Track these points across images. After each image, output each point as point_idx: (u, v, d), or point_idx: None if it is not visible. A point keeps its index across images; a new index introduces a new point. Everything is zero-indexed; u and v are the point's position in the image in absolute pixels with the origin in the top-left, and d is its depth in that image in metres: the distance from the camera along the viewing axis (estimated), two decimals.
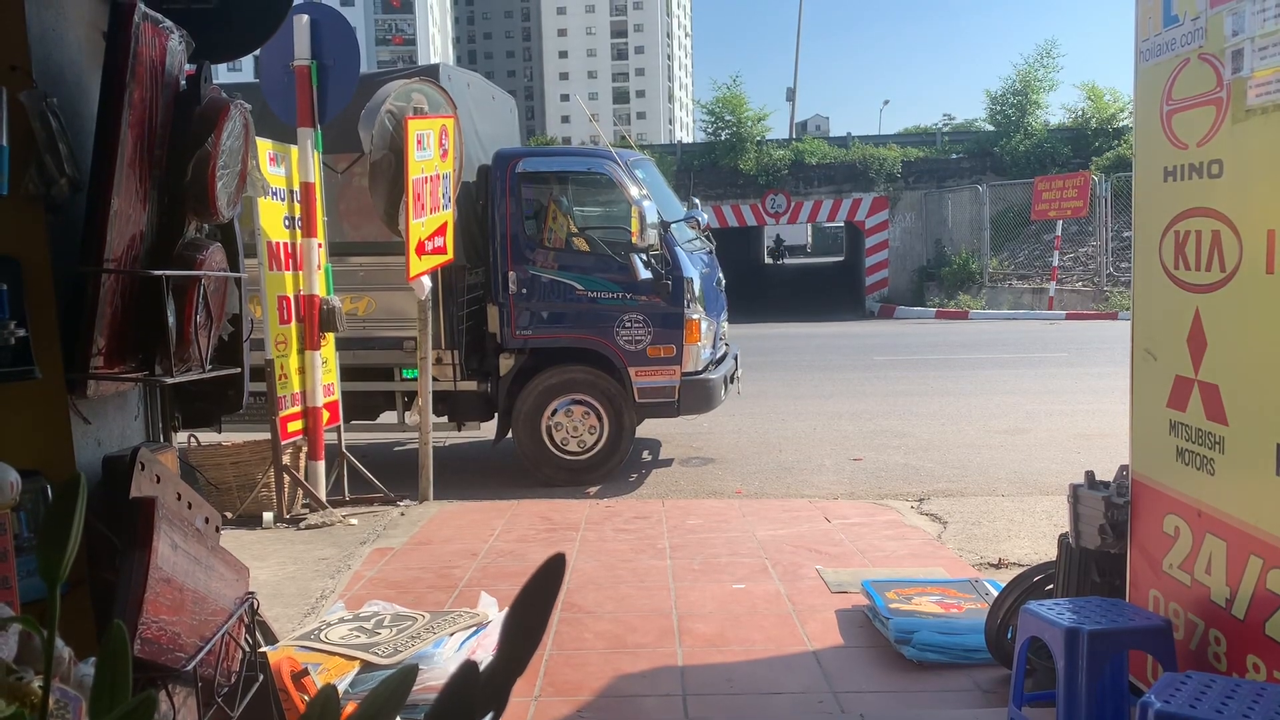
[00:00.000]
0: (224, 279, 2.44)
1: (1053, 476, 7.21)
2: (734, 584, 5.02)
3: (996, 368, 13.16)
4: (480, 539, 5.91)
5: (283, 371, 6.27)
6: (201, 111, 2.31)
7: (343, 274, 7.17)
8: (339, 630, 3.84)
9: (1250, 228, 2.67)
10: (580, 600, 4.80)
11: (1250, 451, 2.69)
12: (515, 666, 0.89)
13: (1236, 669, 2.75)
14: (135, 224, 2.14)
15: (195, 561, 1.97)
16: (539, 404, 7.62)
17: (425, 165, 6.36)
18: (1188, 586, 3.00)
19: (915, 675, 3.93)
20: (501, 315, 7.63)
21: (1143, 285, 3.25)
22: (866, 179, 25.39)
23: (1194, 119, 2.90)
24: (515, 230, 7.57)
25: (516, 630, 0.87)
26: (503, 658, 0.88)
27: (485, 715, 0.87)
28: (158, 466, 2.01)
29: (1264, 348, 2.63)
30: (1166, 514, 3.11)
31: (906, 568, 5.18)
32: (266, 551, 5.71)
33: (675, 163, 25.79)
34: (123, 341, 2.13)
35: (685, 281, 7.45)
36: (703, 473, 7.99)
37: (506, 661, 0.87)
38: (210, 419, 2.83)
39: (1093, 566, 3.50)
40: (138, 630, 1.73)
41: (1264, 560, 2.63)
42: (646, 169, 8.32)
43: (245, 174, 2.50)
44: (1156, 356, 3.15)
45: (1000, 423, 9.50)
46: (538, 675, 3.94)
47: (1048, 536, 5.51)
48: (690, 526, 6.11)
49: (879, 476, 7.63)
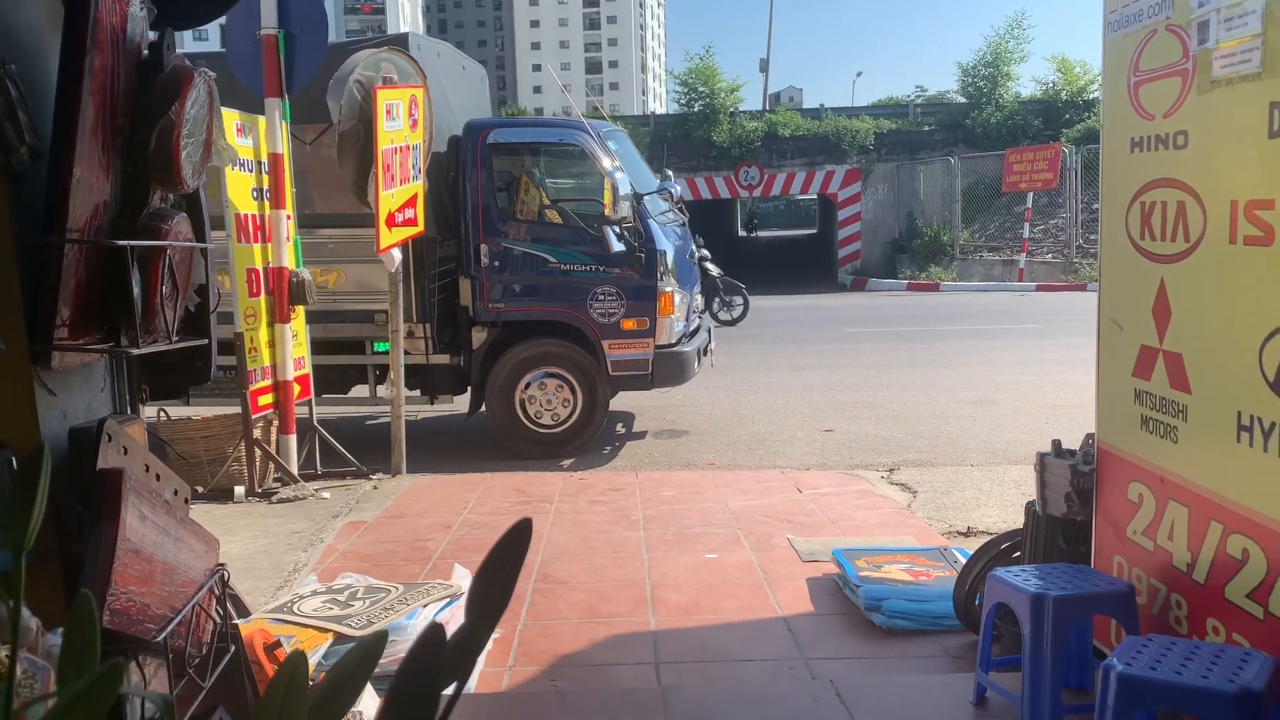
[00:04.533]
0: (190, 249, 2.42)
1: (1022, 446, 7.29)
2: (707, 554, 5.05)
3: (967, 339, 13.26)
4: (454, 512, 5.91)
5: (252, 345, 6.22)
6: (165, 80, 2.28)
7: (312, 246, 7.11)
8: (312, 603, 3.83)
9: (1214, 198, 2.71)
10: (554, 571, 4.82)
11: (1212, 419, 2.73)
12: (480, 635, 0.89)
13: (1196, 632, 2.81)
14: (98, 194, 2.12)
15: (164, 533, 1.96)
16: (512, 377, 7.61)
17: (395, 136, 6.30)
18: (1150, 552, 3.05)
19: (885, 642, 3.99)
20: (474, 288, 7.59)
21: (1109, 256, 3.28)
22: (839, 151, 25.40)
23: (1160, 90, 2.92)
24: (487, 202, 7.53)
25: (483, 596, 0.87)
26: (469, 626, 0.88)
27: (450, 684, 0.88)
28: (125, 438, 1.99)
29: (1226, 317, 2.67)
30: (1131, 481, 3.16)
31: (877, 536, 5.23)
32: (238, 525, 5.69)
33: (648, 134, 25.66)
34: (88, 312, 2.11)
35: (658, 254, 7.45)
36: (676, 445, 8.02)
37: (472, 630, 0.88)
38: (178, 390, 2.82)
39: (1059, 534, 3.55)
40: (106, 602, 1.73)
41: (1224, 526, 2.69)
42: (619, 140, 8.29)
43: (210, 143, 2.46)
44: (1123, 327, 3.19)
45: (970, 393, 9.59)
46: (512, 645, 3.97)
47: (1016, 505, 5.58)
48: (664, 498, 6.14)
49: (850, 447, 7.69)
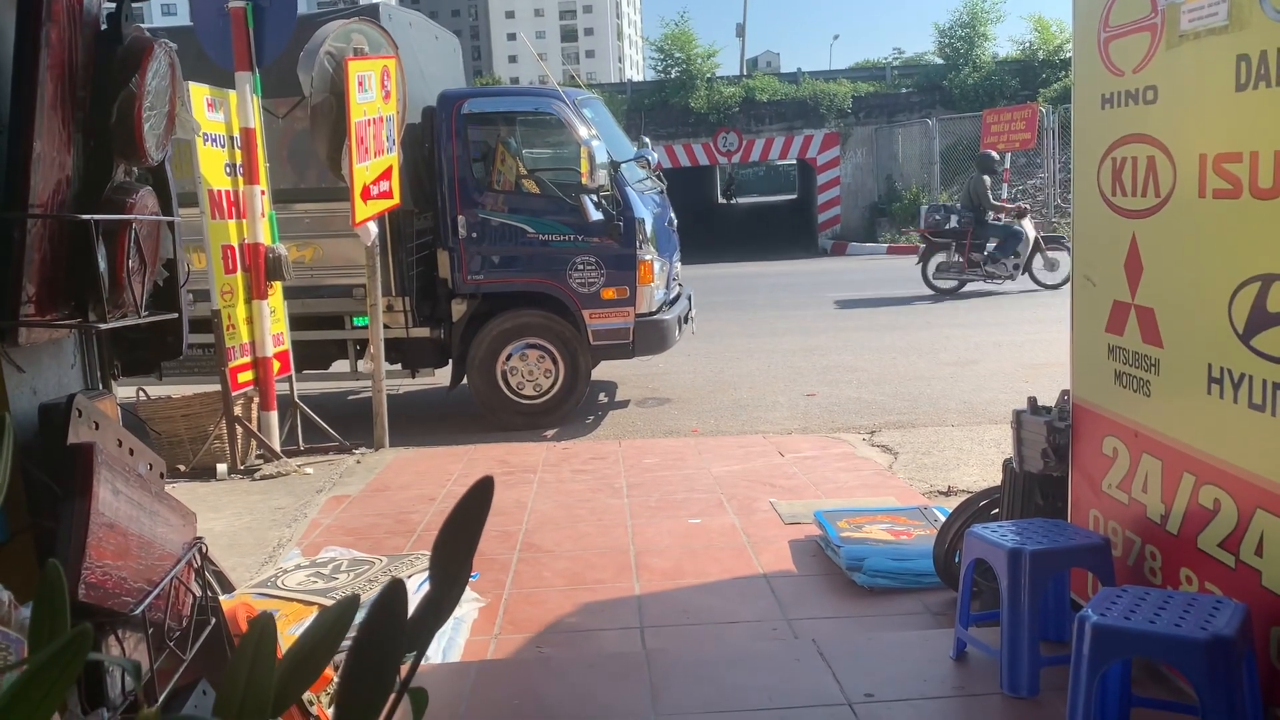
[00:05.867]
0: (156, 223, 2.40)
1: (1001, 406, 7.33)
2: (690, 519, 5.08)
3: (946, 300, 13.31)
4: (438, 484, 5.92)
5: (230, 322, 6.18)
6: (124, 51, 2.25)
7: (288, 221, 7.05)
8: (296, 576, 3.83)
9: (1184, 153, 2.71)
10: (539, 540, 4.84)
11: (1183, 372, 2.76)
12: (445, 597, 0.89)
13: (1170, 582, 2.85)
14: (60, 168, 2.09)
15: (139, 507, 1.96)
16: (493, 349, 7.59)
17: (367, 108, 6.24)
18: (1125, 505, 3.09)
19: (866, 600, 4.02)
20: (452, 260, 7.56)
21: (1082, 212, 3.29)
22: (817, 115, 25.31)
23: (1130, 45, 2.92)
24: (463, 173, 7.48)
25: (445, 556, 0.87)
26: (433, 589, 0.88)
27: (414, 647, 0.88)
28: (96, 413, 1.98)
29: (1196, 271, 2.68)
30: (1105, 436, 3.19)
31: (858, 498, 5.27)
32: (222, 503, 5.68)
33: (625, 102, 25.52)
34: (54, 288, 2.09)
35: (637, 222, 7.42)
36: (659, 413, 8.04)
37: (436, 591, 0.87)
38: (151, 366, 2.80)
39: (1036, 489, 3.59)
40: (82, 576, 1.73)
41: (1196, 477, 2.72)
42: (595, 108, 8.24)
43: (174, 115, 2.44)
44: (1095, 282, 3.21)
45: (950, 355, 9.63)
46: (498, 613, 3.99)
47: (995, 464, 5.60)
48: (647, 466, 6.16)
49: (832, 411, 7.73)
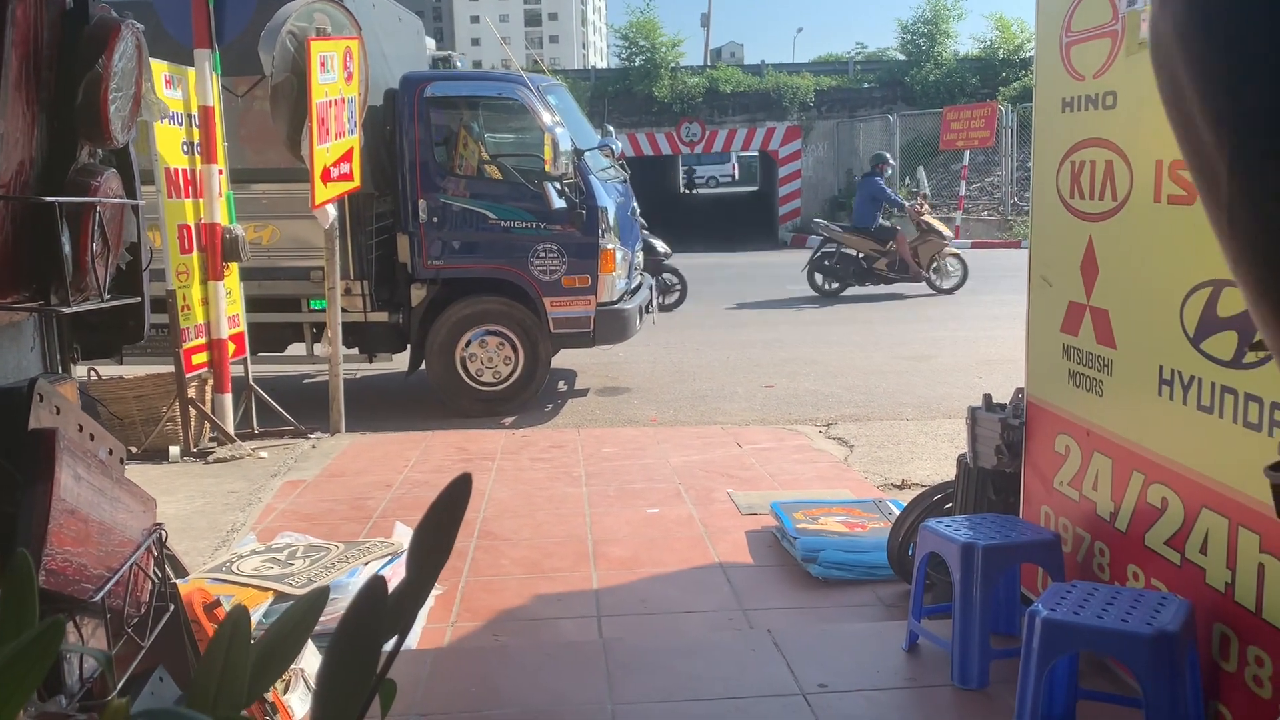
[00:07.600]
0: (120, 206, 2.37)
1: (956, 401, 7.43)
2: (648, 509, 5.11)
3: (904, 295, 13.45)
4: (394, 470, 5.89)
5: (185, 303, 6.09)
6: (90, 31, 2.21)
7: (245, 201, 6.96)
8: (251, 562, 3.81)
9: (1141, 158, 2.78)
10: (497, 528, 4.85)
11: (1135, 373, 2.83)
12: (421, 589, 0.91)
13: (1118, 578, 2.93)
14: (23, 149, 2.06)
15: (100, 493, 1.94)
16: (452, 335, 7.56)
17: (329, 89, 6.18)
18: (1076, 502, 3.16)
19: (821, 592, 4.08)
20: (412, 245, 7.51)
21: (1040, 214, 3.36)
22: (780, 108, 25.39)
23: (1091, 51, 2.98)
24: (425, 157, 7.43)
25: (423, 550, 0.89)
26: (409, 580, 0.89)
27: (390, 637, 0.89)
28: (57, 398, 1.96)
29: (1150, 274, 2.75)
30: (1058, 434, 3.26)
31: (814, 490, 5.33)
32: (174, 486, 5.61)
33: (589, 89, 25.40)
34: (16, 271, 2.06)
35: (599, 211, 7.42)
36: (618, 402, 8.06)
37: (413, 584, 0.89)
38: (111, 349, 2.76)
39: (989, 485, 3.66)
40: (43, 562, 1.71)
41: (1145, 476, 2.79)
42: (559, 95, 8.21)
43: (140, 97, 2.40)
44: (1052, 283, 3.27)
45: (906, 349, 9.75)
46: (454, 601, 3.99)
47: (949, 458, 5.71)
48: (606, 454, 6.18)
49: (789, 403, 7.80)
